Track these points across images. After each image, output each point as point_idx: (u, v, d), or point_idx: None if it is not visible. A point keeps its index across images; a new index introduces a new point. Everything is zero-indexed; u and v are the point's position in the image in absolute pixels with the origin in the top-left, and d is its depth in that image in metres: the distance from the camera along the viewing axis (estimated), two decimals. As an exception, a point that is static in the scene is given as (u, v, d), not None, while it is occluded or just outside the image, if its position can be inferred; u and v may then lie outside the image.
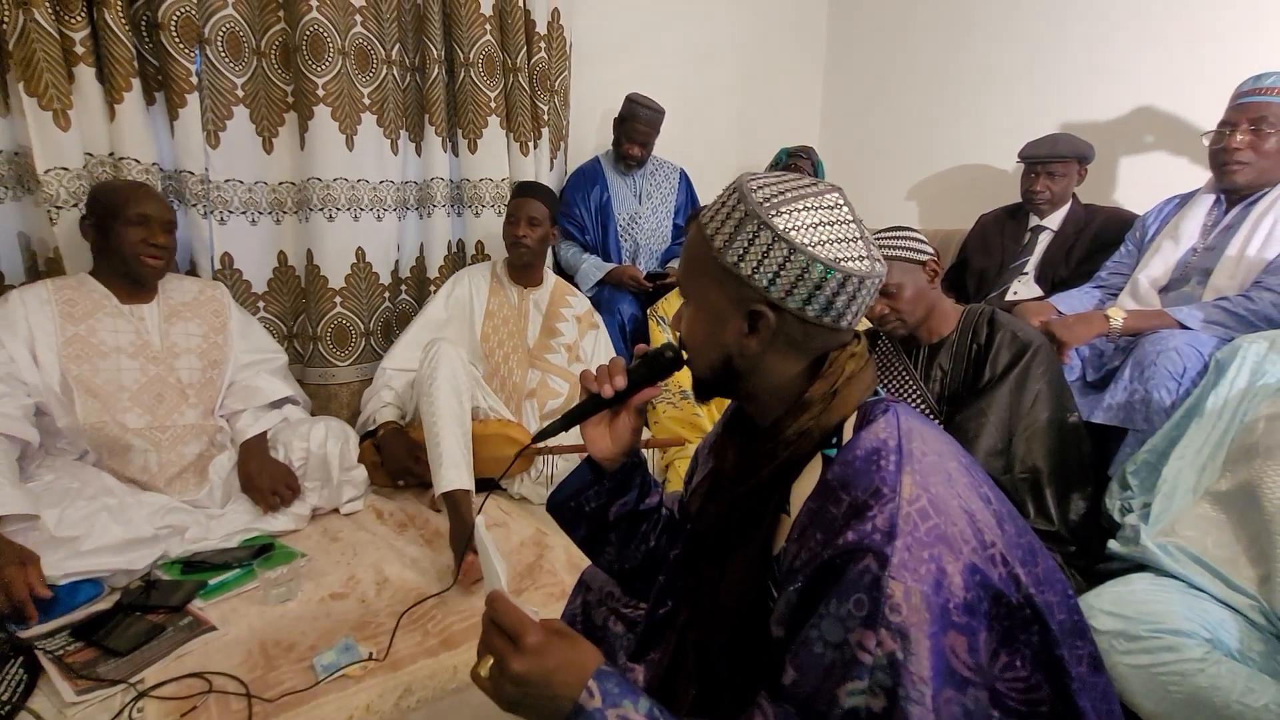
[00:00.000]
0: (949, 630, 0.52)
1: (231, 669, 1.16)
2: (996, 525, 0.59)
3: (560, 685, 0.56)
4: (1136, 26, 2.22)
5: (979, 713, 0.53)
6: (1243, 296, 1.52)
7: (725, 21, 2.96)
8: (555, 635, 0.59)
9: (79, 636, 1.21)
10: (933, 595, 0.52)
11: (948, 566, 0.53)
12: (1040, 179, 2.12)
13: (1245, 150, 1.57)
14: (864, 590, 0.53)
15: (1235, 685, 0.93)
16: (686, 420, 2.00)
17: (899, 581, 0.52)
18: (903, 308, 1.37)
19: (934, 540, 0.54)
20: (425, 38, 2.14)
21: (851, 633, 0.53)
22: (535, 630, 0.58)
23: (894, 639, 0.51)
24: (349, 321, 2.13)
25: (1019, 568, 0.58)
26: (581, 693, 0.55)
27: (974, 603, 0.54)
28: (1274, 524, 1.05)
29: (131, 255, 1.52)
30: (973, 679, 0.53)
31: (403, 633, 1.28)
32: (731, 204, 0.65)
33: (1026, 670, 0.57)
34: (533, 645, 0.57)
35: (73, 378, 1.46)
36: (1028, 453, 1.31)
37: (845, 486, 0.58)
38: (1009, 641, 0.57)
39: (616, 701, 0.55)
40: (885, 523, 0.54)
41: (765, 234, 0.62)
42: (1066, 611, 0.62)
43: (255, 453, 1.66)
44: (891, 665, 0.51)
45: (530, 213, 1.98)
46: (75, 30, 1.59)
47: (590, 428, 0.79)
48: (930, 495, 0.56)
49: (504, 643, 0.58)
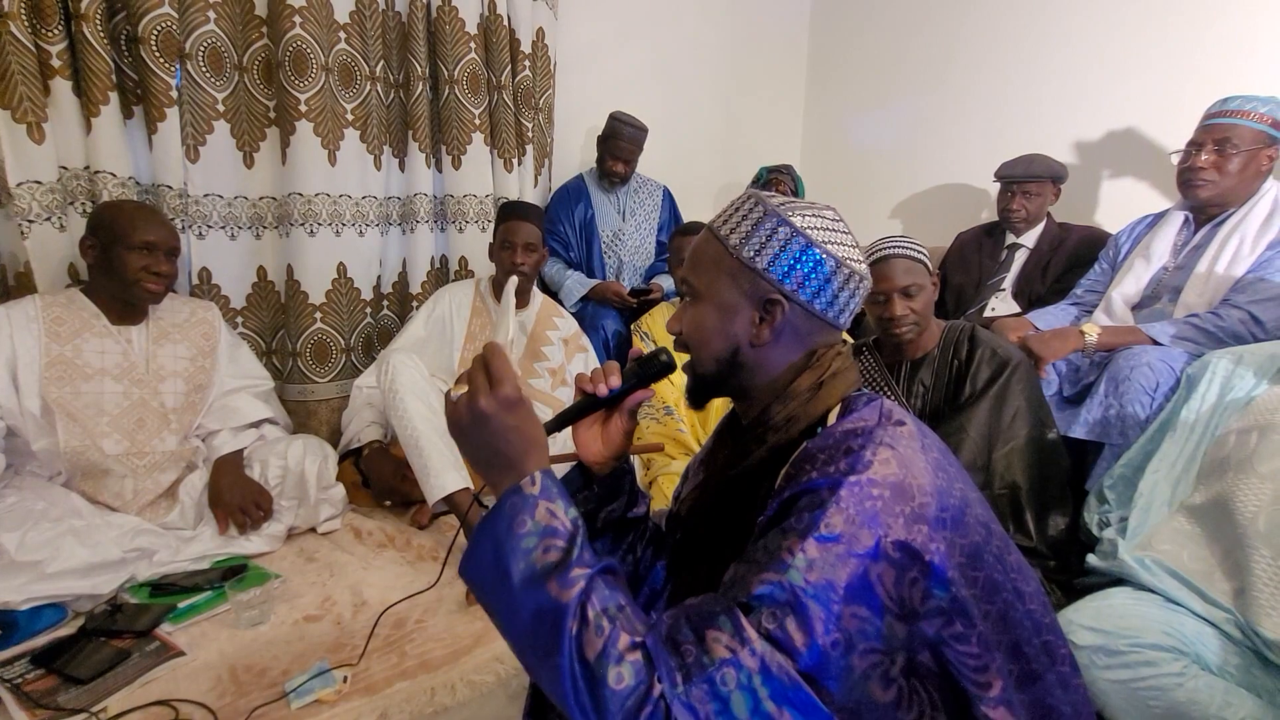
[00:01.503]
0: (880, 560, 0.56)
1: (200, 696, 1.13)
2: (960, 501, 0.62)
3: (507, 445, 0.60)
4: (1109, 54, 2.29)
5: (892, 639, 0.56)
6: (1212, 313, 1.56)
7: (708, 41, 3.01)
8: (524, 404, 0.62)
9: (39, 664, 1.16)
10: (872, 525, 0.56)
11: (896, 507, 0.57)
12: (1016, 198, 2.17)
13: (1209, 170, 1.63)
14: (809, 509, 0.58)
15: (1213, 699, 0.94)
16: (670, 435, 1.99)
17: (841, 506, 0.57)
18: (920, 309, 1.38)
19: (889, 485, 0.58)
20: (410, 55, 2.15)
21: (786, 539, 0.57)
22: (514, 388, 0.61)
23: (818, 548, 0.55)
24: (329, 337, 2.10)
25: (968, 538, 0.61)
26: (525, 478, 0.59)
27: (915, 548, 0.57)
28: (1247, 537, 1.06)
29: (133, 282, 1.49)
30: (891, 608, 0.56)
31: (379, 655, 1.25)
32: (748, 207, 0.71)
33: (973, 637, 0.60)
34: (505, 396, 0.60)
35: (53, 400, 1.42)
36: (1007, 468, 1.32)
37: (823, 449, 0.63)
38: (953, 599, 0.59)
39: (551, 498, 0.59)
40: (847, 465, 0.59)
41: (785, 229, 0.69)
42: (1040, 605, 0.66)
43: (228, 469, 1.62)
44: (808, 567, 0.55)
45: (527, 239, 1.94)
46: (52, 43, 1.57)
47: (582, 430, 0.79)
48: (897, 453, 0.60)
49: (483, 380, 0.61)
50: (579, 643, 0.52)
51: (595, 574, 0.56)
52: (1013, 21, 2.53)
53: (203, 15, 1.80)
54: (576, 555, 0.56)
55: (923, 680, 0.58)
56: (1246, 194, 1.64)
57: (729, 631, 0.53)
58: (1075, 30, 2.36)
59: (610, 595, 0.56)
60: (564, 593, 0.54)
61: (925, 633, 0.58)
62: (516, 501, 0.58)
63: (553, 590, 0.54)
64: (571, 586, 0.54)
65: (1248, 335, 1.49)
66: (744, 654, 0.52)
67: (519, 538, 0.56)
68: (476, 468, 0.63)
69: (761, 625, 0.54)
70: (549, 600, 0.54)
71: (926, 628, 0.58)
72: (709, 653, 0.52)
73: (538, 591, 0.54)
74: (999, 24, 2.57)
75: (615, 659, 0.52)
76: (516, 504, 0.58)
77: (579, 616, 0.53)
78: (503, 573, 0.56)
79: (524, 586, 0.55)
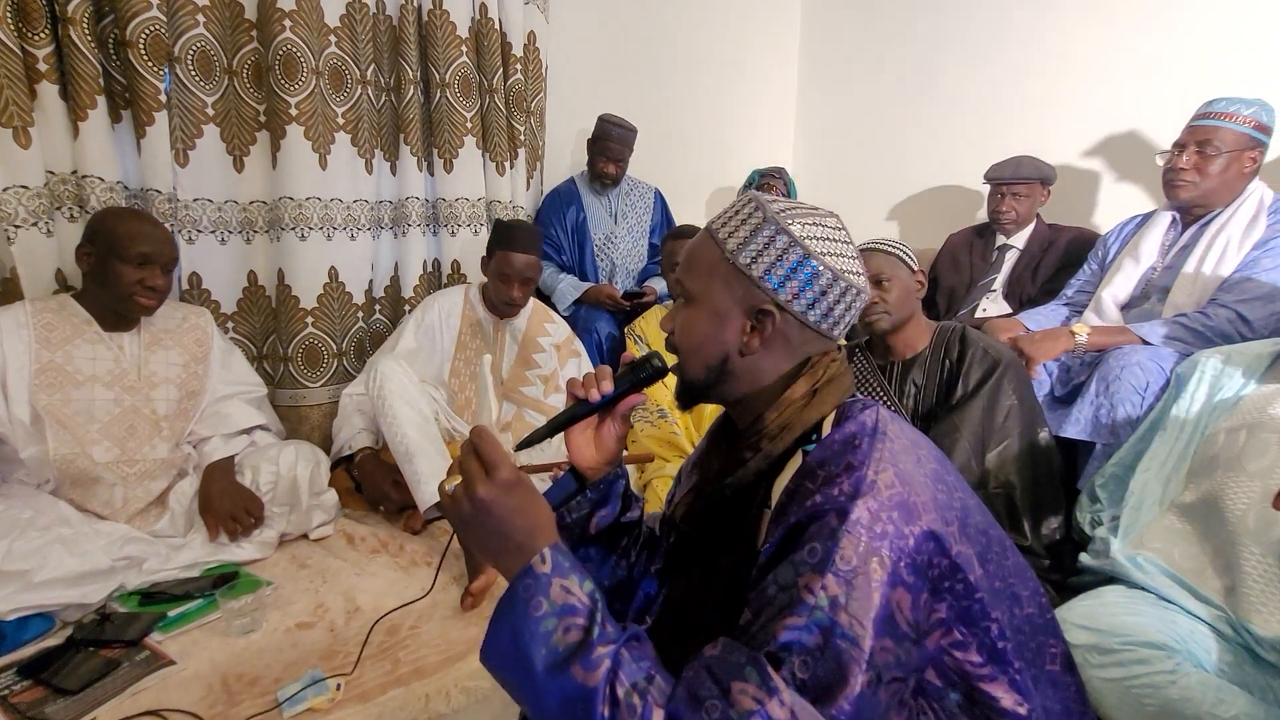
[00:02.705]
0: (897, 586, 0.55)
1: (190, 705, 1.11)
2: (960, 511, 0.62)
3: (514, 529, 0.58)
4: (1099, 56, 2.31)
5: (909, 664, 0.56)
6: (1200, 313, 1.57)
7: (700, 44, 3.02)
8: (525, 483, 0.61)
9: (26, 675, 1.15)
10: (886, 551, 0.55)
11: (904, 529, 0.56)
12: (1006, 199, 2.18)
13: (1190, 171, 1.65)
14: (820, 540, 0.56)
15: (1206, 697, 0.94)
16: (664, 439, 1.99)
17: (854, 535, 0.55)
18: (890, 300, 1.41)
19: (895, 505, 0.57)
20: (401, 58, 2.14)
21: (801, 576, 0.55)
22: (511, 470, 0.59)
23: (839, 585, 0.54)
24: (321, 342, 2.09)
25: (970, 548, 0.61)
26: (535, 556, 0.57)
27: (923, 566, 0.57)
28: (1237, 535, 1.07)
29: (126, 295, 1.47)
30: (909, 634, 0.56)
31: (373, 662, 1.24)
32: (747, 211, 0.69)
33: (970, 643, 0.60)
34: (503, 480, 0.59)
35: (42, 408, 1.41)
36: (1000, 469, 1.32)
37: (822, 464, 0.62)
38: (957, 612, 0.59)
39: (565, 574, 0.57)
40: (850, 487, 0.58)
41: (783, 239, 0.67)
42: (1036, 607, 0.66)
43: (219, 475, 1.60)
44: (832, 606, 0.53)
45: (525, 273, 1.89)
46: (38, 47, 1.56)
47: (575, 435, 0.79)
48: (898, 469, 0.59)
49: (477, 467, 0.60)
50: None
51: (620, 647, 0.54)
52: (1003, 24, 2.55)
53: (191, 19, 1.79)
54: (598, 633, 0.54)
55: (931, 700, 0.58)
56: (1230, 195, 1.66)
57: (755, 682, 0.51)
58: (1064, 33, 2.39)
59: (637, 668, 0.54)
60: (590, 676, 0.52)
61: (927, 649, 0.58)
62: (530, 583, 0.56)
63: (578, 675, 0.52)
64: (597, 668, 0.52)
65: (1235, 334, 1.51)
66: (772, 705, 0.50)
67: (536, 621, 0.54)
68: (485, 557, 0.61)
69: (795, 675, 0.52)
70: (575, 687, 0.52)
71: (929, 644, 0.58)
72: (734, 705, 0.50)
73: (563, 678, 0.52)
74: (989, 26, 2.59)
75: None
76: (530, 586, 0.56)
77: (609, 700, 0.51)
78: (524, 661, 0.54)
79: (548, 674, 0.53)
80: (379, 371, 1.70)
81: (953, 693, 0.58)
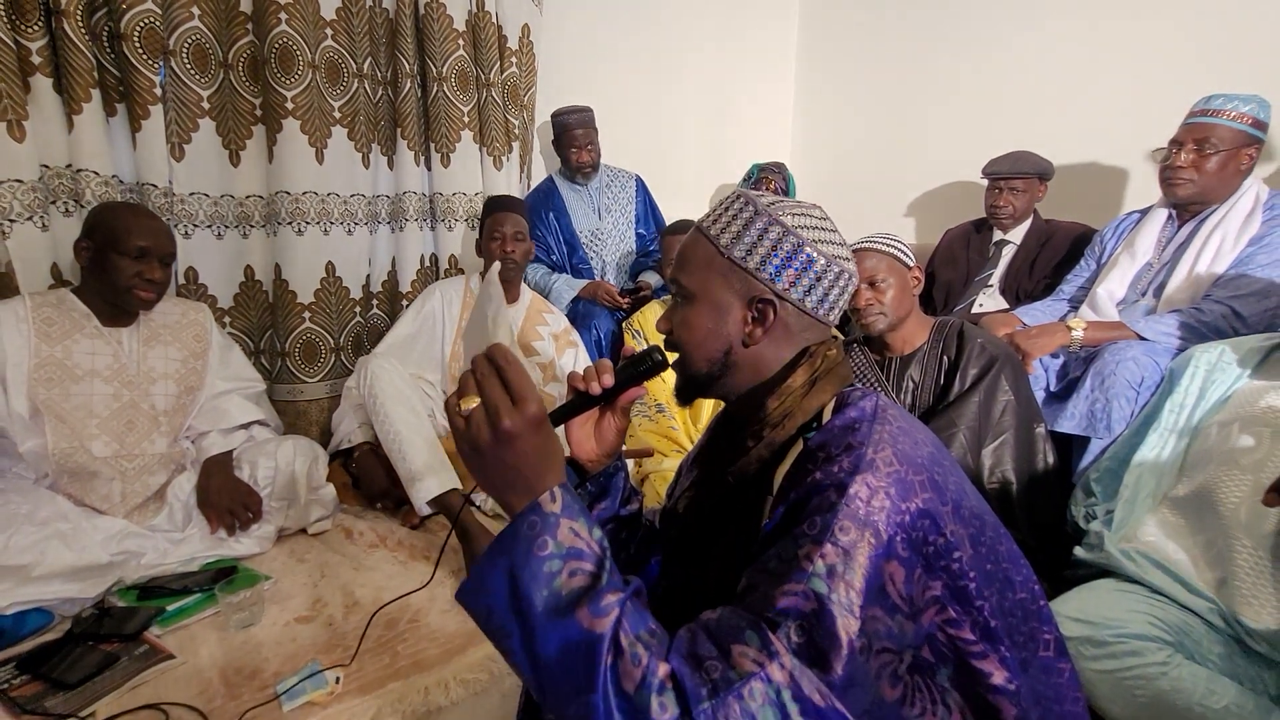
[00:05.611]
0: (891, 559, 0.56)
1: (190, 699, 1.12)
2: (955, 494, 0.63)
3: (528, 468, 0.56)
4: (1096, 51, 2.31)
5: (902, 637, 0.56)
6: (1194, 308, 1.58)
7: (696, 39, 3.01)
8: (549, 422, 0.58)
9: (25, 669, 1.15)
10: (882, 524, 0.56)
11: (901, 504, 0.58)
12: (1003, 194, 2.18)
13: (1187, 169, 1.65)
14: (820, 513, 0.57)
15: (1197, 687, 0.95)
16: (662, 434, 2.00)
17: (852, 508, 0.56)
18: (886, 301, 1.41)
19: (892, 482, 0.58)
20: (397, 52, 2.13)
21: (801, 548, 0.56)
22: (540, 405, 0.56)
23: (837, 554, 0.55)
24: (318, 337, 2.09)
25: (963, 529, 0.62)
26: (545, 494, 0.55)
27: (918, 542, 0.58)
28: (1230, 528, 1.08)
29: (125, 288, 1.47)
30: (901, 607, 0.56)
31: (372, 655, 1.24)
32: (738, 207, 0.71)
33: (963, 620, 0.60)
34: (533, 415, 0.56)
35: (41, 402, 1.40)
36: (997, 463, 1.33)
37: (823, 446, 0.63)
38: (952, 591, 0.60)
39: (574, 516, 0.55)
40: (850, 464, 0.59)
41: (776, 229, 0.69)
42: (1029, 594, 0.67)
43: (217, 469, 1.60)
44: (829, 574, 0.54)
45: (515, 228, 1.98)
46: (32, 40, 1.55)
47: (575, 429, 0.79)
48: (896, 449, 0.61)
49: (503, 395, 0.56)
50: (615, 675, 0.49)
51: (628, 598, 0.53)
52: (1001, 19, 2.55)
53: (186, 11, 1.78)
54: (608, 580, 0.53)
55: (925, 675, 0.59)
56: (1227, 192, 1.66)
57: (755, 645, 0.51)
58: (1062, 28, 2.38)
59: (641, 619, 0.53)
60: (597, 622, 0.50)
61: (923, 626, 0.58)
62: (536, 521, 0.54)
63: (584, 620, 0.50)
64: (605, 615, 0.51)
65: (1229, 329, 1.52)
66: (772, 667, 0.50)
67: (540, 561, 0.52)
68: (489, 490, 0.58)
69: (790, 639, 0.52)
70: (579, 631, 0.50)
71: (924, 620, 0.58)
72: (735, 667, 0.50)
73: (567, 623, 0.50)
74: (988, 22, 2.59)
75: (657, 689, 0.49)
76: (536, 524, 0.54)
77: (613, 648, 0.50)
78: (521, 602, 0.52)
79: (549, 616, 0.51)
80: (369, 371, 1.71)
81: (944, 668, 0.59)
